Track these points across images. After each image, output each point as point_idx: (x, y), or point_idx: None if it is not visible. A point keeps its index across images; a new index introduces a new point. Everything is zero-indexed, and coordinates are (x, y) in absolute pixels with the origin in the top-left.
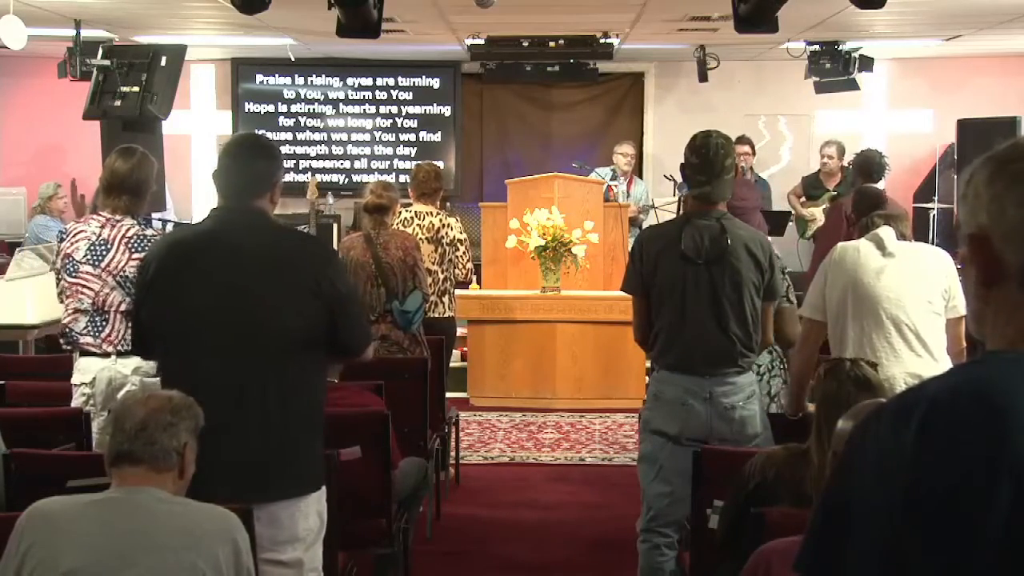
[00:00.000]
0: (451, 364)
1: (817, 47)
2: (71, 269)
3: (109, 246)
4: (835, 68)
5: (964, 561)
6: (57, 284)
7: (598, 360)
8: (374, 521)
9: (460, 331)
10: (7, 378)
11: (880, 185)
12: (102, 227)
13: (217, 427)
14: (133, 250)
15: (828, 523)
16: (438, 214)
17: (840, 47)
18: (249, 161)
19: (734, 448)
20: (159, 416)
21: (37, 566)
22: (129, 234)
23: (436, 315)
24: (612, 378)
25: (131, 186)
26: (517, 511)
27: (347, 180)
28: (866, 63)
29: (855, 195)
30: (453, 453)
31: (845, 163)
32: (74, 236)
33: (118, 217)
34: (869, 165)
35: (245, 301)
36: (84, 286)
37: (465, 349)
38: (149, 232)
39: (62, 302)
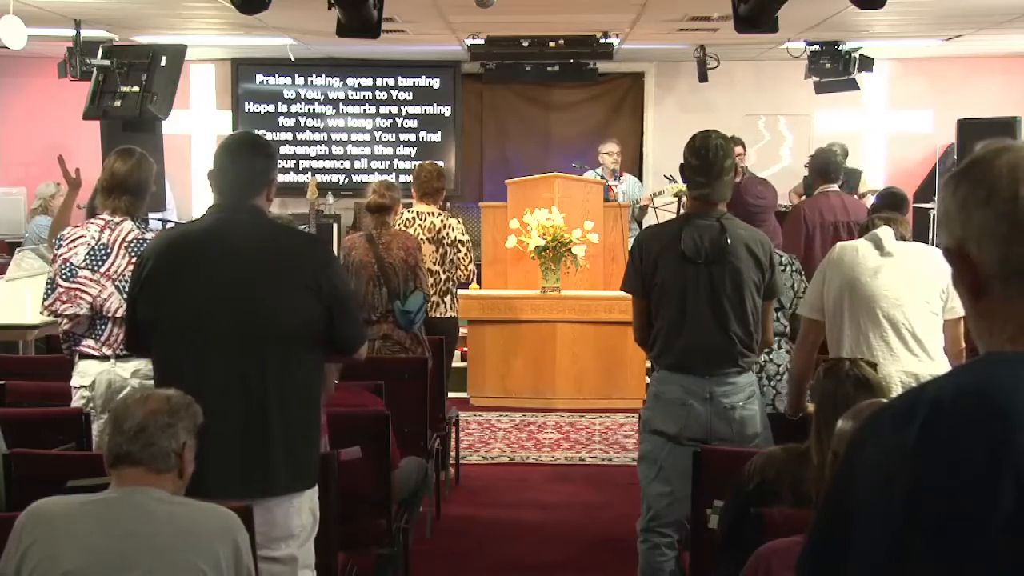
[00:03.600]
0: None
1: (817, 47)
2: (68, 274)
3: (109, 250)
4: (835, 68)
5: (967, 562)
6: (48, 291)
7: (598, 360)
8: (374, 521)
9: (462, 331)
10: (7, 378)
11: (835, 186)
12: (101, 231)
13: (217, 424)
14: (132, 254)
15: (830, 524)
16: (440, 215)
17: (840, 47)
18: (246, 159)
19: (734, 448)
20: (158, 418)
21: (37, 566)
22: (128, 238)
23: (438, 315)
24: (612, 378)
25: (131, 187)
26: (517, 511)
27: (347, 180)
28: (866, 63)
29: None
30: (453, 453)
31: (847, 164)
32: (73, 241)
33: (117, 219)
34: (826, 165)
35: (243, 299)
36: (82, 291)
37: (465, 349)
38: (148, 235)
39: (47, 310)
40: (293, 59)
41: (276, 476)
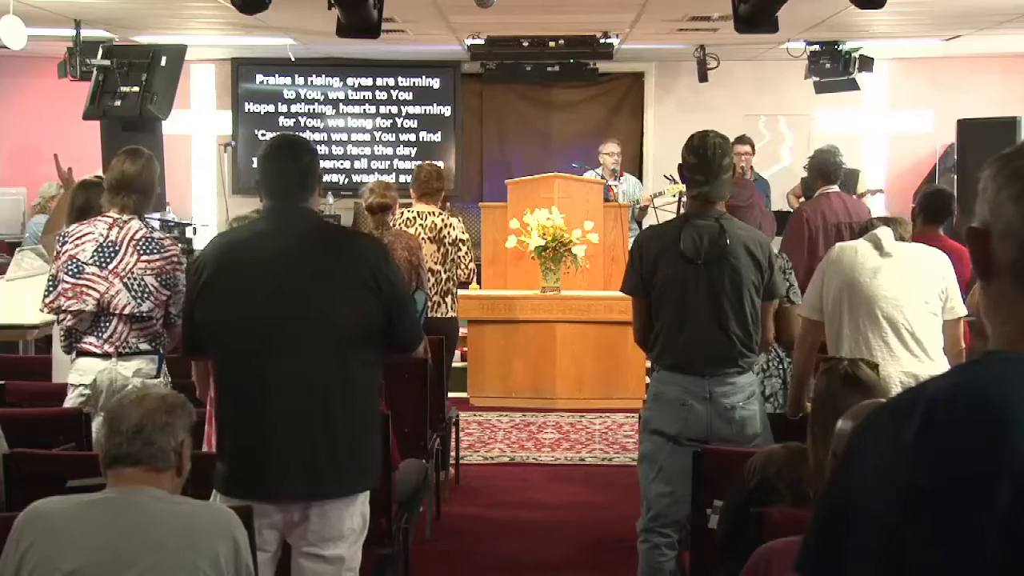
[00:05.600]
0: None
1: (817, 47)
2: (75, 270)
3: (117, 248)
4: (835, 68)
5: (964, 561)
6: (51, 287)
7: (598, 360)
8: (374, 521)
9: (462, 331)
10: (7, 378)
11: (836, 187)
12: (109, 228)
13: (282, 427)
14: (141, 252)
15: (828, 523)
16: (440, 214)
17: (840, 47)
18: (294, 161)
19: (734, 448)
20: (156, 416)
21: (36, 567)
22: (137, 236)
23: (439, 315)
24: (612, 378)
25: (139, 187)
26: (517, 511)
27: (347, 180)
28: (866, 63)
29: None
30: (453, 453)
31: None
32: (79, 237)
33: (125, 217)
34: (824, 166)
35: (304, 300)
36: (90, 287)
37: (465, 349)
38: (156, 234)
39: (48, 307)
40: (293, 59)
41: (340, 478)
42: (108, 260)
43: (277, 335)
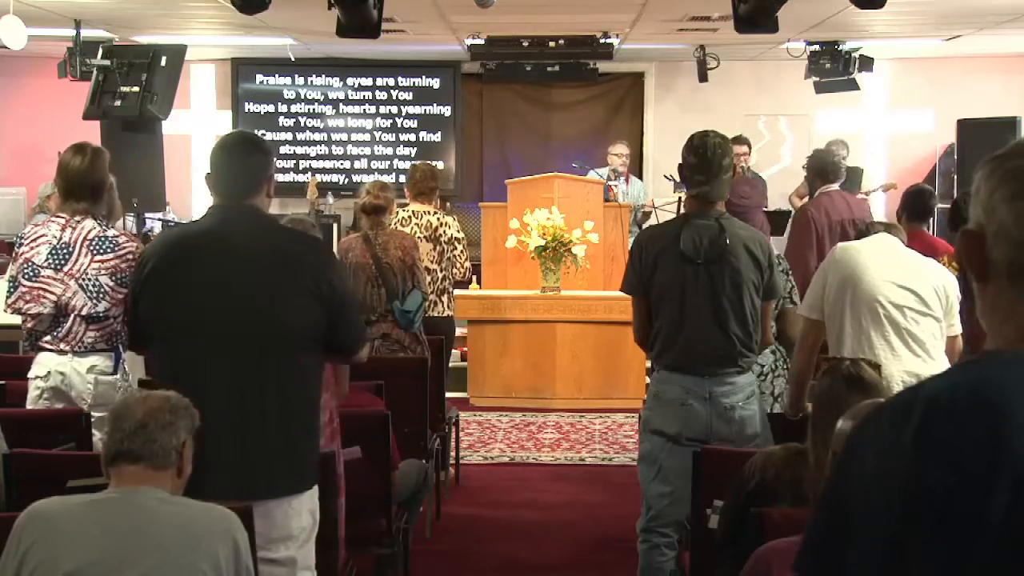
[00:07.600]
0: (450, 364)
1: (817, 47)
2: (31, 273)
3: (71, 249)
4: (835, 68)
5: (963, 561)
6: (11, 290)
7: (598, 360)
8: (374, 521)
9: (459, 331)
10: (7, 378)
11: (836, 186)
12: (62, 230)
13: (217, 425)
14: (94, 252)
15: (827, 523)
16: (435, 213)
17: (840, 47)
18: (243, 158)
19: (734, 448)
20: (158, 415)
21: (37, 567)
22: (90, 236)
23: (436, 314)
24: (612, 378)
25: (89, 185)
26: (517, 511)
27: (347, 180)
28: (866, 63)
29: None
30: (453, 453)
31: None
32: (34, 240)
33: (78, 218)
34: (823, 166)
35: (244, 300)
36: (46, 290)
37: (465, 349)
38: (111, 233)
39: (10, 308)
40: (293, 59)
41: (275, 478)
42: (63, 262)
43: (215, 334)
